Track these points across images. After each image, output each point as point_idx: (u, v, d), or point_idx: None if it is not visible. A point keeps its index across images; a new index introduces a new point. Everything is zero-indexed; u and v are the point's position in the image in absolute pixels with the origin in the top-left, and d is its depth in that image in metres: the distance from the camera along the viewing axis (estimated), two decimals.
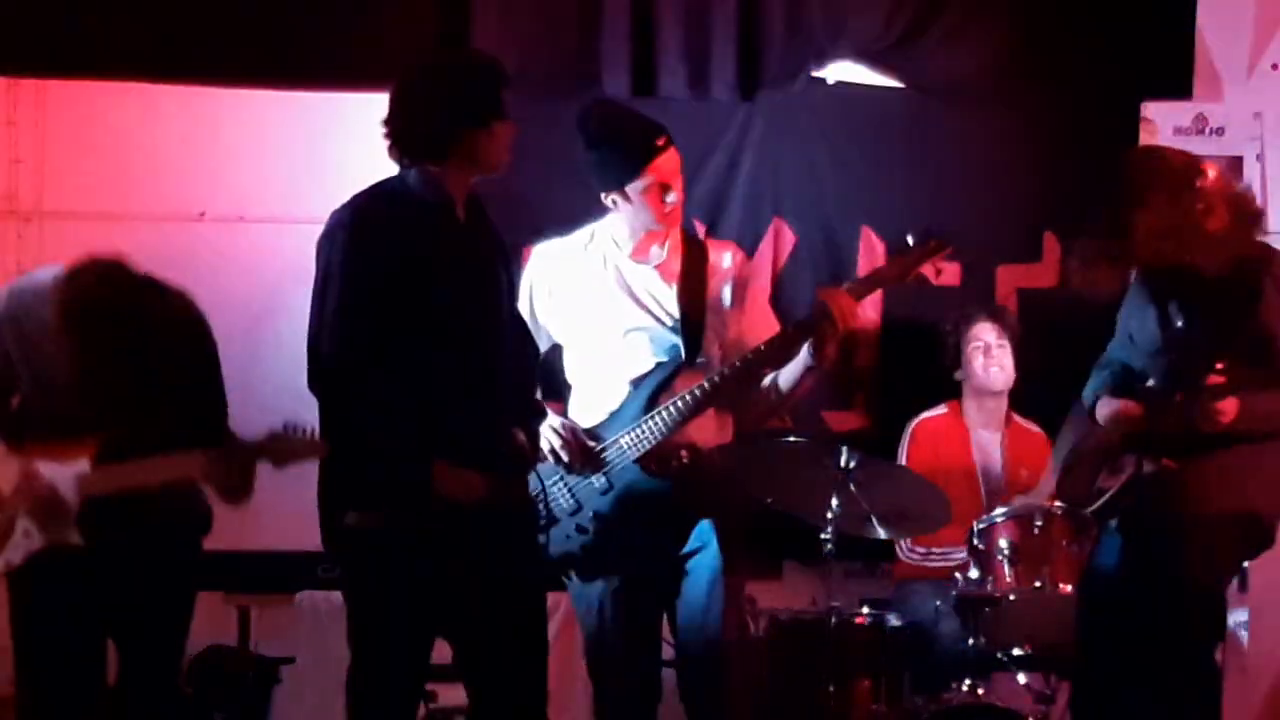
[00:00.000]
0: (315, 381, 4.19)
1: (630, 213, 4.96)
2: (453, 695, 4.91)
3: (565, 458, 4.87)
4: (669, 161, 4.94)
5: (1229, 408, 4.45)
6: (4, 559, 4.37)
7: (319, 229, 4.32)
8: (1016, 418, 6.15)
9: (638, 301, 4.99)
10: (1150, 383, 4.79)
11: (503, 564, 4.25)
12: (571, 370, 5.11)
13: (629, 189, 4.91)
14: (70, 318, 4.31)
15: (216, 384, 4.54)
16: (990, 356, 6.07)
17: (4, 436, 4.38)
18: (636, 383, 4.96)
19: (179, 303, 4.52)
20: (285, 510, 5.86)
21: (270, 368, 4.80)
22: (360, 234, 4.19)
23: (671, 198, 4.94)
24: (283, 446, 4.35)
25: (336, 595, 5.61)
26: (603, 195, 4.96)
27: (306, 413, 4.43)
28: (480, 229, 4.39)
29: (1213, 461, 4.48)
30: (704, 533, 4.98)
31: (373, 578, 4.25)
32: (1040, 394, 6.19)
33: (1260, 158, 6.56)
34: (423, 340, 4.18)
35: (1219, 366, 4.45)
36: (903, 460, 6.00)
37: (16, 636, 4.46)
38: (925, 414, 6.14)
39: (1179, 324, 4.53)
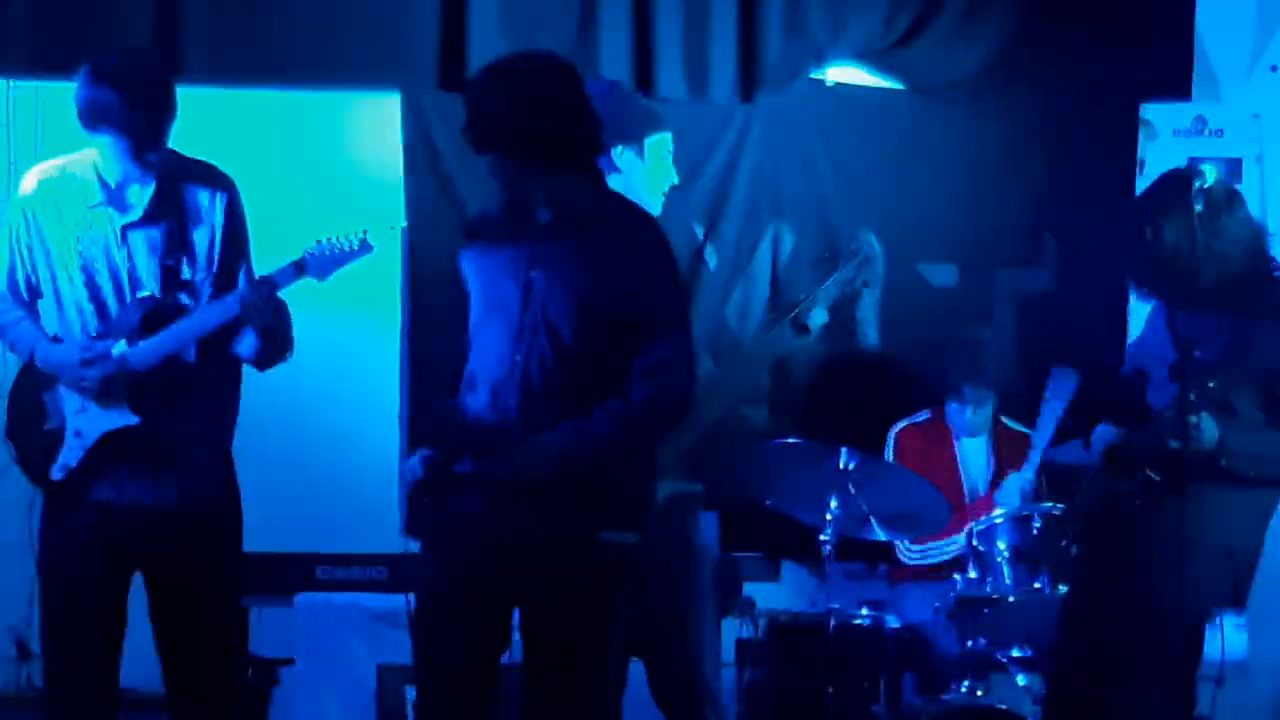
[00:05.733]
0: None
1: (636, 173, 4.83)
2: None
3: None
4: (671, 142, 4.92)
5: (1208, 430, 4.39)
6: (60, 464, 4.38)
7: (318, 229, 4.32)
8: (1004, 420, 6.13)
9: None
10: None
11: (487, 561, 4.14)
12: None
13: (648, 142, 4.84)
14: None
15: (245, 246, 4.53)
16: (970, 414, 6.04)
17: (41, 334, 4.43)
18: None
19: (200, 166, 4.52)
20: (284, 511, 5.90)
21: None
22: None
23: (670, 174, 4.87)
24: (321, 256, 4.33)
25: (335, 597, 5.65)
26: (614, 154, 4.78)
27: (312, 413, 4.43)
28: (563, 232, 4.14)
29: (1199, 494, 4.41)
30: None
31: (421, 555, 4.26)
32: (1036, 396, 6.19)
33: (1259, 159, 6.56)
34: (474, 334, 4.17)
35: (1212, 385, 4.39)
36: None
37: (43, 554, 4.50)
38: (907, 421, 6.11)
39: (1196, 352, 4.43)
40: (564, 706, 4.11)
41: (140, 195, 4.38)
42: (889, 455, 6.01)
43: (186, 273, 4.39)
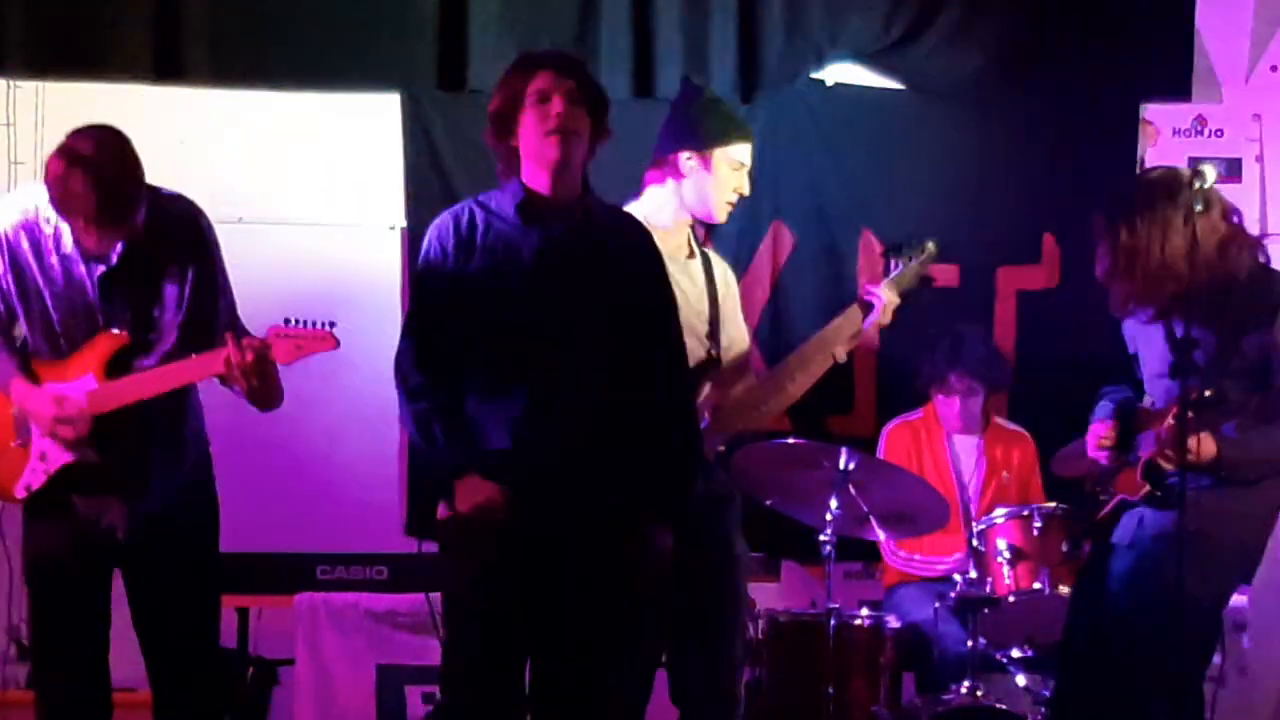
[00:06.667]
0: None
1: (697, 183, 4.82)
2: None
3: None
4: (749, 154, 4.91)
5: (1206, 448, 4.41)
6: (23, 483, 4.36)
7: (317, 230, 4.32)
8: (997, 419, 6.12)
9: (681, 294, 4.64)
10: (1148, 402, 4.74)
11: (547, 587, 4.10)
12: None
13: (717, 153, 4.82)
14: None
15: (218, 288, 4.49)
16: (958, 407, 6.03)
17: (19, 368, 4.36)
18: None
19: (177, 206, 4.49)
20: (284, 511, 5.90)
21: None
22: (439, 229, 4.21)
23: (741, 186, 4.86)
24: (287, 343, 4.30)
25: (335, 597, 5.65)
26: (682, 156, 4.80)
27: (312, 413, 4.39)
28: (587, 235, 4.15)
29: (1203, 495, 4.42)
30: None
31: (447, 570, 4.21)
32: (1037, 395, 6.19)
33: (1259, 159, 6.56)
34: (482, 345, 4.14)
35: (1208, 394, 4.39)
36: None
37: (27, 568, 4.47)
38: (900, 418, 6.12)
39: (1189, 349, 4.43)
40: (591, 710, 4.13)
41: (114, 248, 4.35)
42: (880, 453, 6.02)
43: (156, 314, 4.37)
